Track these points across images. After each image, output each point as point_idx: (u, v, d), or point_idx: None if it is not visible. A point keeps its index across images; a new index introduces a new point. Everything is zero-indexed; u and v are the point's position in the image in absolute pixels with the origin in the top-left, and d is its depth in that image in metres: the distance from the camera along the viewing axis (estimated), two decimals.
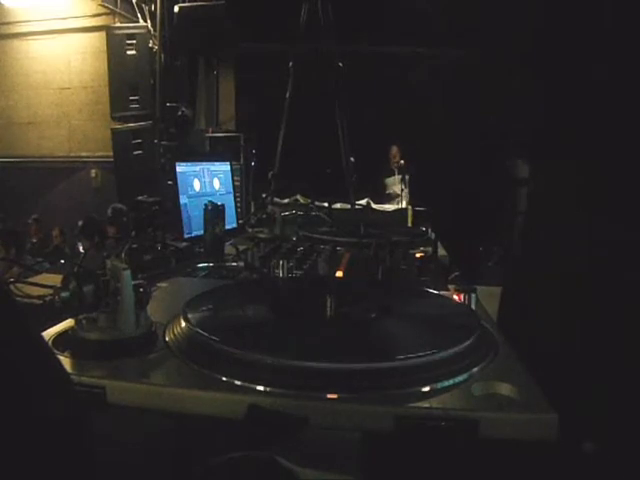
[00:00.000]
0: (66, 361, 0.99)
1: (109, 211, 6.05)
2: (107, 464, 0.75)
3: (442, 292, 1.47)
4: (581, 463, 1.36)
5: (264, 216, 2.73)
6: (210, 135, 7.03)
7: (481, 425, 0.82)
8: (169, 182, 2.47)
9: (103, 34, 7.09)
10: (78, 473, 0.60)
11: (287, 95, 4.63)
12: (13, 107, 8.44)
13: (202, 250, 2.06)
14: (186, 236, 2.32)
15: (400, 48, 7.27)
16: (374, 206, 4.75)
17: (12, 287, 1.53)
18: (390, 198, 6.70)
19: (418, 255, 2.04)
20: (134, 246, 1.84)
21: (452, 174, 6.57)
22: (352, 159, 4.75)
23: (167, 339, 1.10)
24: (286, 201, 4.11)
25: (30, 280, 1.62)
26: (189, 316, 1.12)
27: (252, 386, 0.90)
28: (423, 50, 7.28)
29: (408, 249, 2.17)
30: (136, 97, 6.84)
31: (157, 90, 6.88)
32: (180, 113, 6.81)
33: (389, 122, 7.26)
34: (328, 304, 1.19)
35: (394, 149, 7.29)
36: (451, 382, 0.93)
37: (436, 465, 0.85)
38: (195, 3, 6.61)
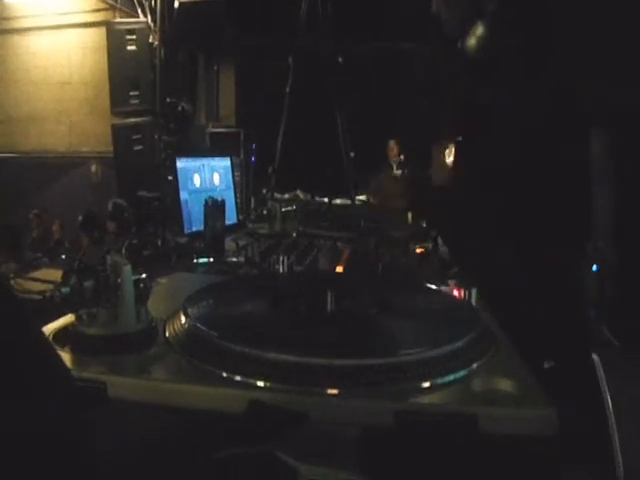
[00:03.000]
0: (67, 356, 0.99)
1: (110, 206, 6.04)
2: (107, 459, 0.75)
3: (442, 287, 1.48)
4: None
5: (264, 212, 2.73)
6: (210, 130, 7.01)
7: (480, 420, 0.83)
8: (169, 177, 2.47)
9: (103, 29, 7.07)
10: (79, 469, 0.61)
11: (287, 90, 4.62)
12: (13, 102, 8.43)
13: (202, 245, 2.06)
14: (186, 231, 2.32)
15: (400, 43, 7.25)
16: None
17: (12, 282, 1.53)
18: None
19: (418, 250, 2.04)
20: (134, 242, 1.84)
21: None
22: (352, 154, 4.74)
23: (167, 334, 1.10)
24: (286, 196, 4.11)
25: (30, 275, 1.62)
26: (189, 311, 1.12)
27: (252, 381, 0.90)
28: (423, 45, 7.26)
29: (408, 244, 2.17)
30: (136, 92, 6.82)
31: (157, 85, 6.86)
32: (180, 108, 6.80)
33: (389, 117, 7.24)
34: (328, 299, 1.19)
35: (391, 143, 7.21)
36: (451, 378, 0.93)
37: (436, 460, 0.85)
38: None
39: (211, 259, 1.89)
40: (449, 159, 1.69)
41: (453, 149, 1.68)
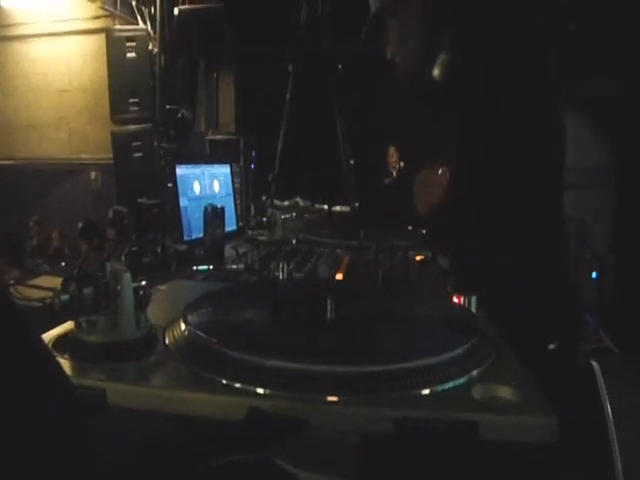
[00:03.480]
0: (66, 364, 0.99)
1: (110, 213, 6.05)
2: (106, 467, 0.75)
3: (442, 295, 1.48)
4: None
5: (264, 219, 2.74)
6: (210, 137, 7.03)
7: (481, 428, 0.82)
8: (169, 184, 2.47)
9: (103, 36, 7.09)
10: (78, 473, 0.60)
11: (287, 97, 4.63)
12: (13, 110, 8.44)
13: (202, 253, 2.06)
14: (186, 239, 2.32)
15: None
16: None
17: (12, 289, 1.53)
18: None
19: (418, 258, 2.04)
20: (134, 249, 1.84)
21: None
22: (352, 162, 4.74)
23: (167, 342, 1.10)
24: (286, 203, 4.11)
25: (30, 283, 1.62)
26: (189, 319, 1.12)
27: (252, 389, 0.90)
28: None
29: (408, 252, 2.17)
30: (136, 99, 6.84)
31: (157, 92, 6.88)
32: (180, 115, 6.81)
33: (389, 124, 7.24)
34: (328, 307, 1.19)
35: (391, 150, 7.19)
36: (451, 385, 0.93)
37: (436, 467, 0.85)
38: (195, 5, 6.62)
39: (211, 266, 1.89)
40: (443, 181, 1.72)
41: (446, 170, 1.72)
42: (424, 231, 2.68)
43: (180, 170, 2.40)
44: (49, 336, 1.11)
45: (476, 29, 1.79)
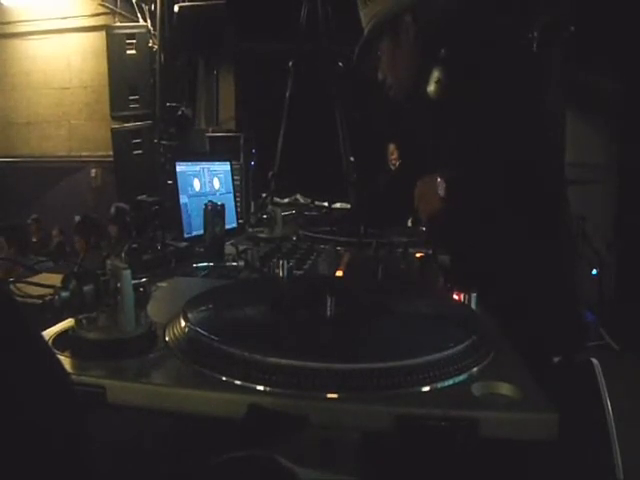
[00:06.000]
0: (66, 361, 0.99)
1: (112, 210, 6.04)
2: (106, 465, 0.75)
3: (442, 292, 1.47)
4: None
5: (264, 216, 2.73)
6: (210, 135, 7.02)
7: (481, 425, 0.82)
8: (169, 182, 2.46)
9: (103, 34, 7.10)
10: (76, 474, 0.60)
11: (287, 94, 4.63)
12: (13, 107, 8.44)
13: (202, 250, 2.06)
14: (186, 236, 2.32)
15: None
16: None
17: (12, 286, 1.53)
18: None
19: (418, 255, 2.04)
20: (134, 246, 1.84)
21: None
22: (352, 159, 4.74)
23: (167, 339, 1.10)
24: (286, 200, 4.11)
25: (30, 280, 1.62)
26: (189, 316, 1.12)
27: (252, 386, 0.90)
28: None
29: (408, 249, 2.17)
30: (136, 97, 6.85)
31: (157, 90, 6.89)
32: (180, 113, 6.81)
33: (389, 121, 7.22)
34: (328, 304, 1.19)
35: (391, 147, 7.19)
36: (451, 382, 0.92)
37: (436, 465, 0.85)
38: (195, 3, 6.61)
39: (211, 263, 1.89)
40: (441, 191, 1.75)
41: (443, 182, 1.74)
42: (423, 228, 2.68)
43: (180, 167, 2.40)
44: (49, 333, 1.11)
45: (469, 46, 1.80)
